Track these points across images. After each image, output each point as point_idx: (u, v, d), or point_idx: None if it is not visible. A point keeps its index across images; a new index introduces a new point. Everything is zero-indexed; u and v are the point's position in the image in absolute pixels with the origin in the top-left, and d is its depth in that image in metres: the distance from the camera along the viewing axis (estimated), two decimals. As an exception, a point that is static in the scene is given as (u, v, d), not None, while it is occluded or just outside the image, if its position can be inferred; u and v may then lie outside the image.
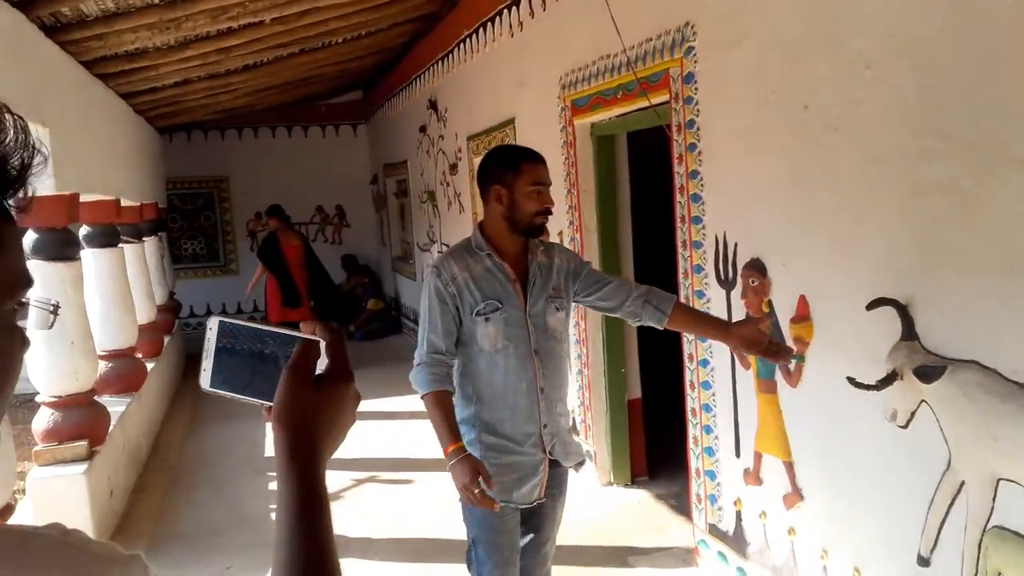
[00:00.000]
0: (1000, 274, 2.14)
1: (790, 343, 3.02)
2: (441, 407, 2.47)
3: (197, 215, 12.25)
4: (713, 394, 3.60)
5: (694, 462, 3.78)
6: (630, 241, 4.85)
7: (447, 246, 8.01)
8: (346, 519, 4.81)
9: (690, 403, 3.77)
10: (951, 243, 2.29)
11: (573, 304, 2.69)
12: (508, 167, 2.51)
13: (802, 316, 2.95)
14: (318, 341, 0.88)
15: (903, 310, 2.43)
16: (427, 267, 2.83)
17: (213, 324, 0.92)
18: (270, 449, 6.86)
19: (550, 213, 2.53)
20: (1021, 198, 2.06)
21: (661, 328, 2.63)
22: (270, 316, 8.99)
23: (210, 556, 4.38)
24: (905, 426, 2.50)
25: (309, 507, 0.84)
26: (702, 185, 3.53)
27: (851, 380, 2.48)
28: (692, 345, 3.71)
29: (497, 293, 2.51)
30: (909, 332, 2.43)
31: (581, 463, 2.74)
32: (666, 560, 4.02)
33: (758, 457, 3.31)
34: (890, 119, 2.46)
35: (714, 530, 3.67)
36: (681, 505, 4.72)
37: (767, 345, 2.48)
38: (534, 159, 2.54)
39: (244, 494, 5.35)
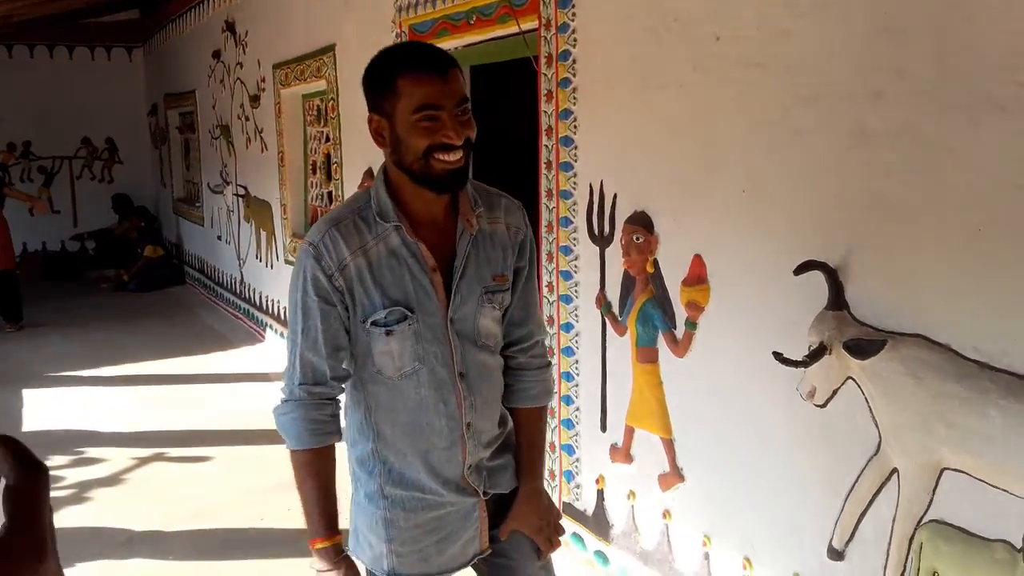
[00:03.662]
0: (963, 235, 1.87)
1: (679, 309, 2.69)
2: (318, 477, 1.71)
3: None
4: (576, 361, 3.23)
5: (548, 435, 3.41)
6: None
7: (244, 188, 7.19)
8: (130, 509, 4.07)
9: (547, 371, 3.38)
10: (898, 198, 2.01)
11: None
12: (382, 86, 1.63)
13: (697, 278, 2.61)
14: None
15: (832, 274, 2.14)
16: (300, 245, 1.82)
17: None
18: (30, 422, 5.98)
19: (457, 149, 1.60)
20: (998, 149, 1.79)
21: (505, 405, 1.89)
22: None
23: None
24: (823, 405, 2.22)
25: None
26: (575, 127, 3.11)
27: (777, 356, 2.17)
28: (553, 307, 3.31)
29: (406, 293, 1.67)
30: (837, 300, 2.14)
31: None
32: (511, 542, 3.64)
33: (630, 432, 2.98)
34: (831, 54, 2.13)
35: (569, 509, 3.33)
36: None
37: (546, 530, 1.91)
38: (419, 67, 1.60)
39: (-3, 477, 4.42)
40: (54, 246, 10.99)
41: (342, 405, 1.79)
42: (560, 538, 1.95)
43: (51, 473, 0.58)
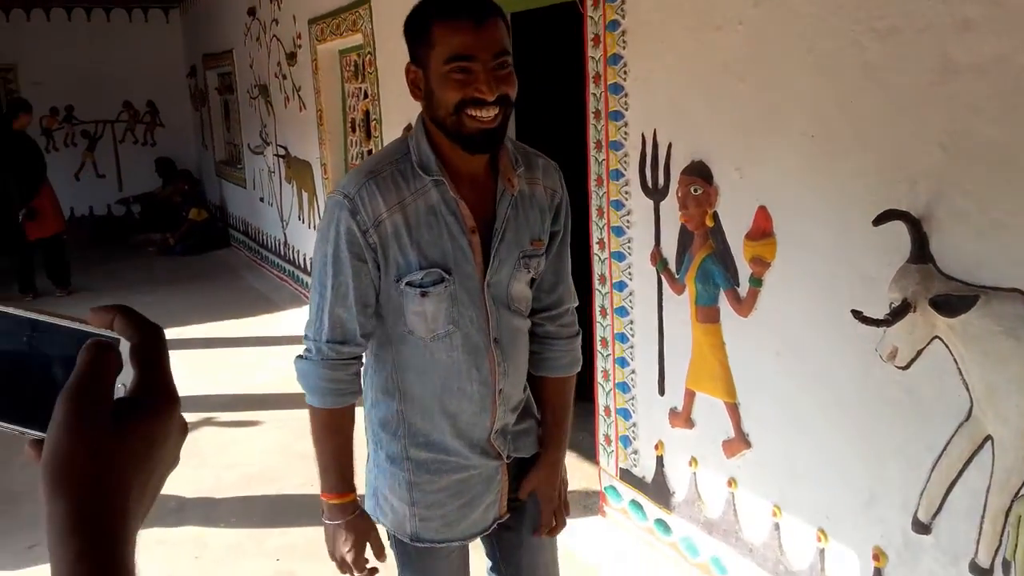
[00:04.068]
0: (1071, 180, 1.67)
1: (742, 265, 2.51)
2: (338, 435, 1.67)
3: (-22, 111, 10.51)
4: (631, 322, 3.07)
5: (603, 399, 3.27)
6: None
7: (284, 148, 7.08)
8: (181, 475, 3.98)
9: (600, 331, 3.24)
10: (988, 139, 1.80)
11: None
12: (418, 34, 1.52)
13: (762, 231, 2.43)
14: (117, 342, 0.55)
15: (915, 225, 1.94)
16: (331, 196, 1.60)
17: None
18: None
19: (490, 105, 1.46)
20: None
21: (532, 373, 1.83)
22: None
23: (7, 532, 3.51)
24: (906, 367, 2.04)
25: None
26: (625, 72, 2.91)
27: (857, 314, 1.99)
28: (605, 264, 3.15)
29: (444, 253, 1.57)
30: (921, 253, 1.94)
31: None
32: (566, 507, 3.53)
33: (690, 396, 2.83)
34: (914, -21, 1.91)
35: (627, 476, 3.20)
36: (575, 440, 4.25)
37: (556, 503, 1.87)
38: (453, 14, 1.47)
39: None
40: (101, 211, 11.05)
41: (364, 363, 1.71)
42: (564, 520, 1.93)
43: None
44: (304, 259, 7.18)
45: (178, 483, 3.92)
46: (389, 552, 1.79)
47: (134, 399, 0.55)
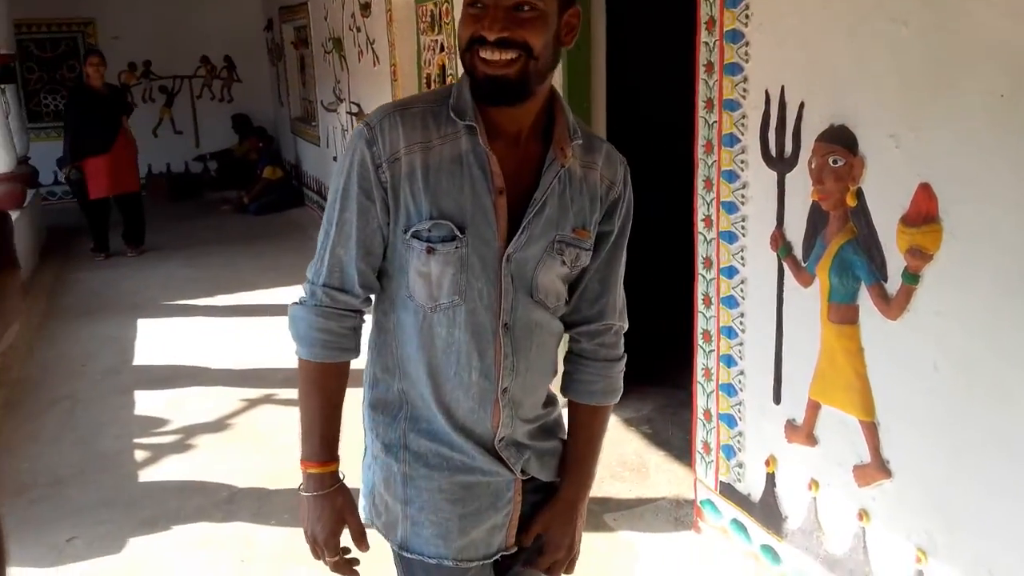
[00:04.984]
0: None
1: (893, 255, 2.03)
2: (324, 392, 1.45)
3: (58, 64, 10.47)
4: (741, 315, 2.61)
5: (702, 400, 2.83)
6: (603, 102, 3.70)
7: (357, 105, 6.73)
8: (234, 459, 3.75)
9: (702, 323, 2.78)
10: None
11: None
12: None
13: (923, 215, 1.94)
14: None
15: None
16: (357, 126, 1.41)
17: None
18: (142, 356, 5.76)
19: (493, 48, 1.27)
20: None
21: (562, 393, 1.60)
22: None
23: (48, 520, 3.27)
24: None
25: None
26: (746, 16, 2.43)
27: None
28: (711, 246, 2.69)
29: (460, 208, 1.35)
30: None
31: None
32: (654, 519, 3.11)
33: (814, 408, 2.36)
34: None
35: (729, 491, 2.76)
36: (657, 434, 3.84)
37: (560, 553, 1.57)
38: None
39: (104, 421, 4.19)
40: (178, 167, 10.93)
41: (367, 320, 1.48)
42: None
43: (156, 415, 3.51)
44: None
45: (231, 469, 3.65)
46: (375, 544, 1.48)
47: None
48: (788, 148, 2.33)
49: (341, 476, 1.47)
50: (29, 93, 10.24)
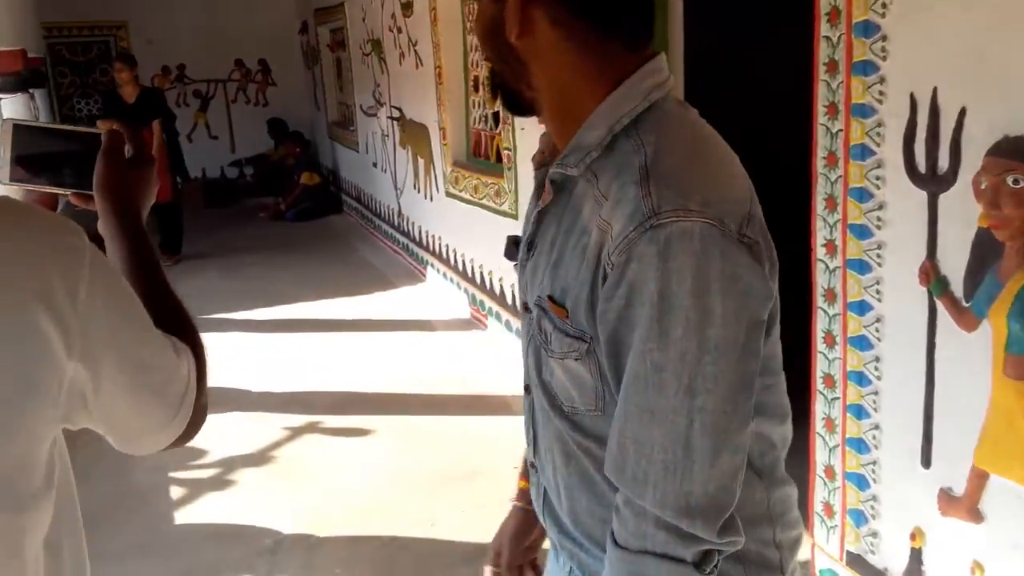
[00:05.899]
0: None
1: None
2: None
3: (91, 68, 10.26)
4: (876, 358, 2.21)
5: (822, 455, 2.43)
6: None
7: (398, 109, 6.39)
8: (279, 500, 3.41)
9: (822, 365, 2.38)
10: None
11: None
12: None
13: None
14: (120, 132, 1.05)
15: None
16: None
17: (7, 127, 1.02)
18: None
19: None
20: None
21: None
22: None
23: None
24: None
25: (145, 251, 1.05)
26: (883, 6, 2.02)
27: None
28: (836, 276, 2.28)
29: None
30: None
31: None
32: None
33: (980, 478, 1.96)
34: None
35: (858, 563, 2.35)
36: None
37: None
38: None
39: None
40: (213, 173, 10.67)
41: None
42: None
43: (195, 446, 2.83)
44: (419, 231, 6.50)
45: (275, 511, 3.31)
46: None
47: (132, 158, 1.07)
48: (943, 163, 1.93)
49: (525, 494, 1.27)
50: (62, 98, 10.03)
